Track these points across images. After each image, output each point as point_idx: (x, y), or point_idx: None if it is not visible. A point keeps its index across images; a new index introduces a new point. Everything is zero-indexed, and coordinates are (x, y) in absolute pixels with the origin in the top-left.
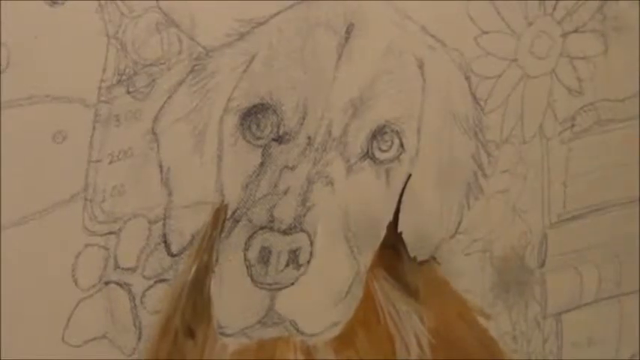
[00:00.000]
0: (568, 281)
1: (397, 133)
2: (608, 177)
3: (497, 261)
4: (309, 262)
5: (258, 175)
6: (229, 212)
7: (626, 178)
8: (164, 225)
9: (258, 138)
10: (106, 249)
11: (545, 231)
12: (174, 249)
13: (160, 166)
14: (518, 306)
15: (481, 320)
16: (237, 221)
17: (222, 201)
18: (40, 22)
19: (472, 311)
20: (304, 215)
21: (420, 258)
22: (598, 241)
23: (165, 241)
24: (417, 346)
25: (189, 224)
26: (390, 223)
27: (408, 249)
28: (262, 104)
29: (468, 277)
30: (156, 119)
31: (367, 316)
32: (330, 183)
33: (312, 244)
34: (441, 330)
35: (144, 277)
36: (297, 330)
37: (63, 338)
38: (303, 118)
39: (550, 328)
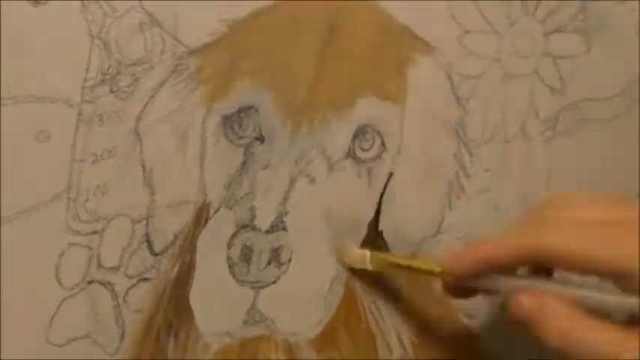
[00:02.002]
0: None
1: (379, 132)
2: (590, 177)
3: None
4: (290, 260)
5: (240, 174)
6: (211, 211)
7: (609, 178)
8: (147, 224)
9: (241, 137)
10: (90, 248)
11: None
12: (156, 248)
13: (143, 166)
14: (501, 305)
15: (463, 319)
16: (220, 220)
17: (205, 200)
18: (23, 22)
19: (454, 310)
20: (286, 214)
21: None
22: None
23: (148, 241)
24: (399, 345)
25: (172, 223)
26: (372, 222)
27: (390, 248)
28: (245, 104)
29: None
30: (139, 119)
31: (349, 314)
32: (312, 182)
33: (293, 242)
34: (423, 329)
35: (127, 276)
36: (279, 329)
37: (46, 338)
38: (285, 117)
39: None
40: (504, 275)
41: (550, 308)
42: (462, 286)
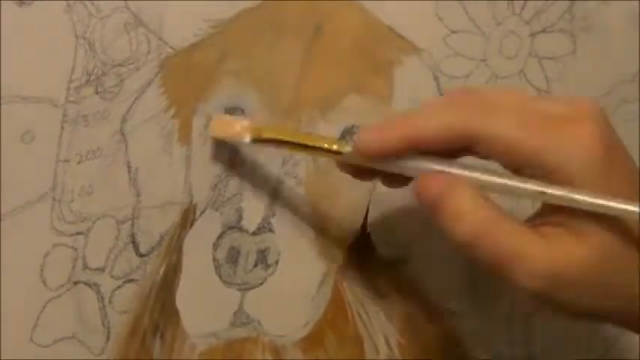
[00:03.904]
0: None
1: None
2: None
3: (467, 261)
4: (277, 262)
5: (226, 175)
6: (198, 212)
7: None
8: (132, 225)
9: None
10: (75, 249)
11: None
12: (142, 249)
13: (129, 167)
14: (487, 306)
15: (450, 320)
16: (206, 221)
17: (191, 201)
18: (7, 22)
19: (441, 310)
20: (273, 215)
21: (389, 258)
22: None
23: (133, 242)
24: (386, 346)
25: (158, 224)
26: (360, 224)
27: (377, 249)
28: (231, 104)
29: (437, 276)
30: (124, 119)
31: (336, 316)
32: (299, 183)
33: (280, 244)
34: (410, 330)
35: (112, 277)
36: (266, 330)
37: (31, 338)
38: (271, 118)
39: (519, 329)
40: (421, 157)
41: (467, 199)
42: (363, 167)
